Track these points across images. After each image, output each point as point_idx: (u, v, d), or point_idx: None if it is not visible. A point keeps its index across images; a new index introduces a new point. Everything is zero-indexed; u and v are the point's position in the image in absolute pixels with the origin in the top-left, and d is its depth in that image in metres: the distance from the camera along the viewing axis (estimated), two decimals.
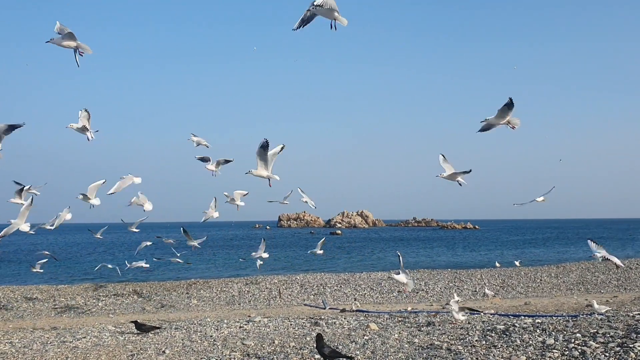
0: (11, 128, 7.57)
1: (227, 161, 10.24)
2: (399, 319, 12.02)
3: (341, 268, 37.13)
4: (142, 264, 17.20)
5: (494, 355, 7.47)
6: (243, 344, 9.50)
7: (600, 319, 9.41)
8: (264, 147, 7.91)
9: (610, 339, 7.61)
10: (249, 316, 14.31)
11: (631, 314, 9.82)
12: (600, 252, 11.09)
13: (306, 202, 11.64)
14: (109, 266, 19.68)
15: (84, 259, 50.37)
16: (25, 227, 8.84)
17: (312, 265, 39.28)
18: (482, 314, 12.48)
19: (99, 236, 15.75)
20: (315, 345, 7.72)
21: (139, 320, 11.75)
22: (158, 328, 11.35)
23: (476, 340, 8.51)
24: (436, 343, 8.57)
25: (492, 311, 13.61)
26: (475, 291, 22.63)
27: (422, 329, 10.21)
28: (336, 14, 6.39)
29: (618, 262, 10.43)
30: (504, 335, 8.69)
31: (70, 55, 7.25)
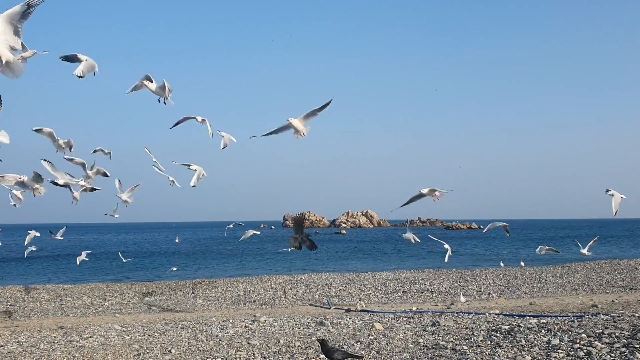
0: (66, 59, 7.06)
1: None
2: (404, 318, 12.04)
3: (346, 268, 37.12)
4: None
5: (499, 355, 7.48)
6: (249, 343, 9.55)
7: (606, 319, 9.39)
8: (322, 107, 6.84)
9: (616, 340, 7.60)
10: (255, 316, 14.36)
11: (637, 314, 9.79)
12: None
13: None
14: None
15: (88, 258, 50.55)
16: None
17: (316, 265, 39.30)
18: (486, 314, 12.49)
19: (59, 237, 15.97)
20: (321, 350, 7.46)
21: None
22: None
23: (481, 341, 8.51)
24: (441, 343, 8.59)
25: (497, 311, 13.60)
26: (480, 291, 22.60)
27: (427, 329, 10.23)
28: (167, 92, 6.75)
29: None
30: (509, 336, 8.69)
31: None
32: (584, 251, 18.40)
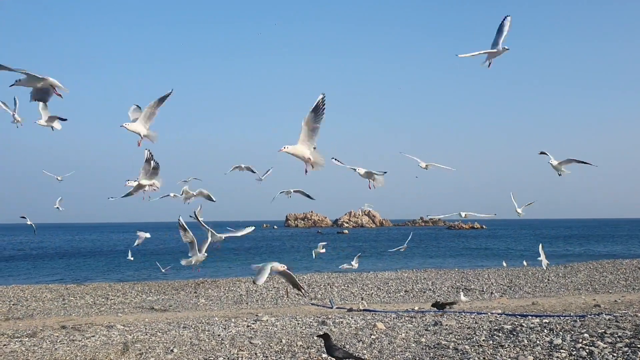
0: (161, 100, 7.37)
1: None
2: (406, 318, 12.04)
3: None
4: None
5: (501, 355, 7.47)
6: (251, 342, 9.56)
7: (608, 319, 9.38)
8: None
9: (618, 339, 7.59)
10: (257, 315, 14.37)
11: (639, 314, 9.78)
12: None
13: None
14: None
15: (92, 257, 50.69)
16: None
17: (319, 265, 39.31)
18: (489, 313, 12.47)
19: None
20: (324, 345, 7.46)
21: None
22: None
23: (483, 340, 8.51)
24: (443, 342, 8.58)
25: (500, 311, 13.58)
26: (483, 291, 22.57)
27: (429, 328, 10.22)
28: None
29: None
30: (511, 335, 8.68)
31: (75, 57, 6.89)
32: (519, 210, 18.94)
